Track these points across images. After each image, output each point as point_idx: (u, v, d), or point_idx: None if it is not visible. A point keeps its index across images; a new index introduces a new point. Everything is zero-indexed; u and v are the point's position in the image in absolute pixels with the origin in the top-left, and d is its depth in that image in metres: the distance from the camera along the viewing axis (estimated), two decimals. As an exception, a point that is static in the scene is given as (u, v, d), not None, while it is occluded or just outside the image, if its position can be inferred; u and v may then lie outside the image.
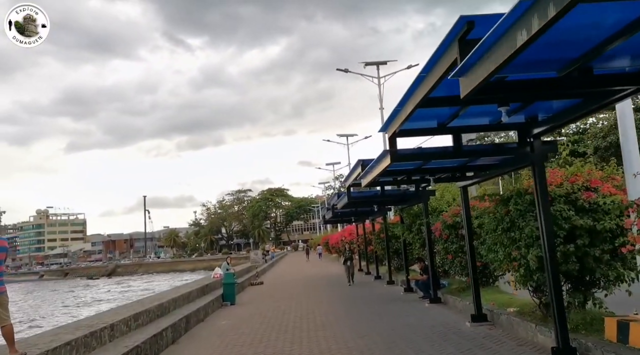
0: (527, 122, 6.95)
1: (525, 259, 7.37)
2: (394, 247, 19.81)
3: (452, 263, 12.23)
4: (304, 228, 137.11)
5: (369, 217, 22.05)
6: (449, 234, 11.96)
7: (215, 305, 16.19)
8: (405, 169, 8.92)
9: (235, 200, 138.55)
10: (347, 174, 12.31)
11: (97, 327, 8.36)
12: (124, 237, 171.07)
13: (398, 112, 6.12)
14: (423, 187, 12.94)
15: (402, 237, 15.91)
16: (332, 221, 35.46)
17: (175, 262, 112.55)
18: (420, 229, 14.42)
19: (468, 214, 9.82)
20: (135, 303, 12.60)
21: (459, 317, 10.64)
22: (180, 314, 12.00)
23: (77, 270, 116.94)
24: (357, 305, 14.14)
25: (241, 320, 13.12)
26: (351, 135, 47.92)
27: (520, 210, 7.48)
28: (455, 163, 8.68)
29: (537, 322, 7.87)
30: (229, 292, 17.49)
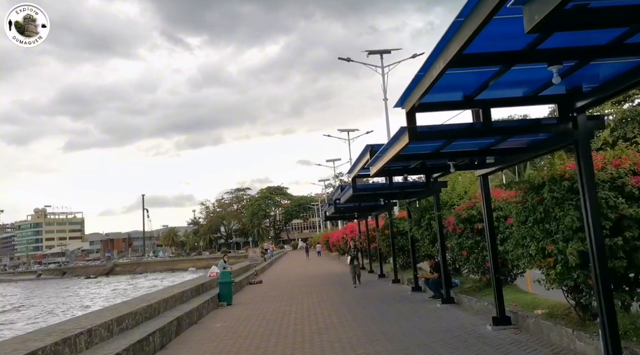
0: (570, 93, 6.04)
1: (563, 254, 6.38)
2: (399, 243, 18.81)
3: (466, 260, 11.24)
4: (304, 226, 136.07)
5: (372, 212, 21.05)
6: (464, 228, 10.96)
7: (211, 306, 15.19)
8: (421, 152, 7.90)
9: (234, 198, 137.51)
10: (353, 162, 11.30)
11: (71, 333, 7.36)
12: (122, 236, 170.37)
13: (420, 79, 5.08)
14: (435, 178, 11.94)
15: (410, 233, 14.91)
16: (334, 217, 34.29)
17: (173, 261, 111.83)
18: (430, 224, 13.42)
19: (489, 206, 8.83)
20: (121, 304, 11.60)
21: (477, 319, 9.64)
22: (171, 316, 11.00)
23: (75, 270, 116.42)
24: (363, 305, 13.15)
25: (238, 323, 12.13)
26: (352, 130, 46.77)
27: (557, 198, 6.48)
28: (477, 146, 7.68)
29: (574, 326, 6.88)
30: (225, 291, 16.50)
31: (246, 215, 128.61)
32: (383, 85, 24.91)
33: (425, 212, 13.79)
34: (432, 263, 12.99)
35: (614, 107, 29.72)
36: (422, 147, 7.52)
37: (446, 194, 13.96)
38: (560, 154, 13.92)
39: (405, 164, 9.42)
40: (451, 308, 11.25)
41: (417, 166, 9.36)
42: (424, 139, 6.07)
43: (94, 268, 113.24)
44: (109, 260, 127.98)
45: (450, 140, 6.68)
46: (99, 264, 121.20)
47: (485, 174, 8.85)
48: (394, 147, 6.61)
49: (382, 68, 24.94)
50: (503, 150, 7.66)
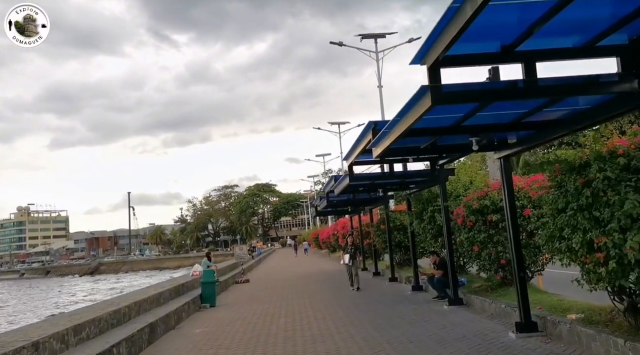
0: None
1: (618, 248, 5.14)
2: (395, 239, 17.57)
3: (477, 256, 10.00)
4: (293, 224, 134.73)
5: (367, 206, 19.76)
6: (475, 220, 9.73)
7: (192, 308, 13.82)
8: (437, 127, 6.62)
9: (221, 196, 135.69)
10: (351, 146, 9.97)
11: (11, 347, 5.98)
12: (107, 235, 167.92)
13: (451, 17, 3.82)
14: (440, 166, 10.69)
15: (410, 228, 13.65)
16: (326, 212, 32.69)
17: (160, 259, 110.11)
18: (434, 217, 12.19)
19: (510, 194, 7.58)
20: (85, 309, 10.20)
21: (495, 324, 8.40)
22: (143, 322, 9.62)
23: (59, 269, 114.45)
24: (360, 307, 11.87)
25: (220, 328, 10.79)
26: (343, 122, 45.36)
27: (610, 179, 5.24)
28: (507, 118, 6.43)
29: (625, 336, 5.66)
30: (208, 292, 15.12)
31: (234, 213, 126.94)
32: (377, 72, 23.59)
33: (427, 204, 12.54)
34: (436, 259, 11.75)
35: None
36: (438, 120, 6.26)
37: (450, 185, 12.73)
38: (598, 128, 12.68)
39: (414, 144, 8.12)
40: (460, 310, 10.01)
41: (428, 147, 8.07)
42: (451, 101, 4.76)
43: (79, 267, 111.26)
44: (93, 259, 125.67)
45: (486, 103, 5.37)
46: (84, 263, 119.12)
47: (507, 155, 7.61)
48: (409, 116, 5.31)
49: (377, 53, 23.63)
50: (536, 124, 6.41)
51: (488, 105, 5.52)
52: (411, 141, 7.84)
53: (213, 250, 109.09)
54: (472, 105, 5.55)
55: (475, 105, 5.54)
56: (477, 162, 34.03)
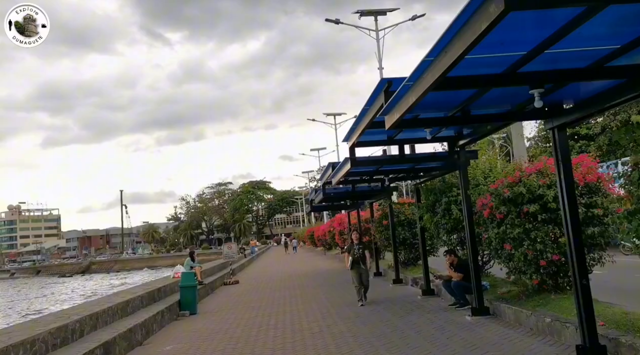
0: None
1: None
2: (400, 236, 15.73)
3: (509, 256, 8.14)
4: (287, 221, 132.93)
5: (367, 199, 17.87)
6: (507, 212, 7.88)
7: (168, 318, 11.94)
8: (486, 74, 4.75)
9: (215, 193, 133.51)
10: (354, 121, 8.04)
11: None
12: (100, 233, 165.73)
13: None
14: (461, 146, 8.83)
15: (420, 223, 11.80)
16: (321, 207, 30.42)
17: (152, 258, 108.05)
18: (450, 209, 10.35)
19: (569, 176, 5.73)
20: (27, 323, 8.28)
21: (541, 344, 6.55)
22: (96, 341, 7.73)
23: (50, 268, 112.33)
24: (364, 317, 10.00)
25: (196, 344, 8.91)
26: (339, 113, 43.31)
27: None
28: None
29: None
30: (188, 298, 13.24)
31: (228, 211, 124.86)
32: (378, 53, 21.57)
33: (441, 195, 10.69)
34: (454, 259, 9.91)
35: None
36: (487, 63, 4.40)
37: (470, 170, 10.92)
38: None
39: (437, 112, 6.22)
40: (489, 323, 8.16)
41: (457, 113, 6.20)
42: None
43: (70, 266, 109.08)
44: (85, 258, 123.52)
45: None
46: (75, 262, 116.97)
47: (562, 125, 5.75)
48: (457, 43, 3.43)
49: (377, 31, 21.62)
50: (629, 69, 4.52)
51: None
52: (435, 105, 5.98)
53: (207, 249, 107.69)
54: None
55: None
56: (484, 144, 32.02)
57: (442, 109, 6.28)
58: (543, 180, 7.70)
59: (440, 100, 5.72)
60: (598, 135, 35.02)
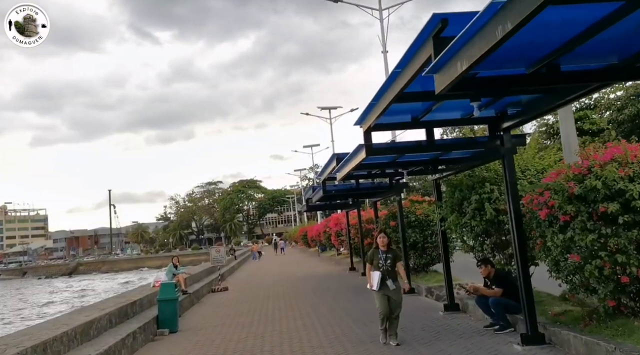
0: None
1: None
2: (410, 239, 13.89)
3: (577, 269, 6.27)
4: (278, 221, 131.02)
5: (373, 197, 15.94)
6: (575, 213, 6.05)
7: (143, 338, 10.02)
8: None
9: (205, 192, 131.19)
10: (377, 92, 6.07)
11: None
12: (88, 234, 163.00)
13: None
14: (506, 130, 6.99)
15: (441, 225, 9.93)
16: (319, 207, 27.57)
17: (141, 258, 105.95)
18: (481, 208, 8.51)
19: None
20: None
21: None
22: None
23: (37, 269, 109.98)
24: (380, 343, 8.09)
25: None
26: (334, 107, 41.24)
27: None
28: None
29: None
30: (167, 313, 11.30)
31: (218, 210, 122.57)
32: (381, 35, 19.54)
33: (470, 191, 8.84)
34: (490, 271, 8.07)
35: None
36: None
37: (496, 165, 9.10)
38: None
39: (526, 50, 4.32)
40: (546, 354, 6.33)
41: (541, 69, 4.39)
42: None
43: (57, 267, 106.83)
44: (73, 259, 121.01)
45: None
46: (62, 263, 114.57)
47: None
48: None
49: (380, 11, 19.62)
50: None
51: None
52: (510, 57, 4.15)
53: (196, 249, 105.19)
54: None
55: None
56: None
57: (519, 63, 4.45)
58: (623, 170, 5.87)
59: (521, 47, 3.89)
60: (602, 131, 33.47)
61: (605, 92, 36.08)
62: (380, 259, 7.66)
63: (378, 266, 7.65)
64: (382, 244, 7.67)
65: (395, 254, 7.78)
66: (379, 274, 7.55)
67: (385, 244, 7.67)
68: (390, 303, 7.58)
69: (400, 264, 7.80)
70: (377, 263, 7.68)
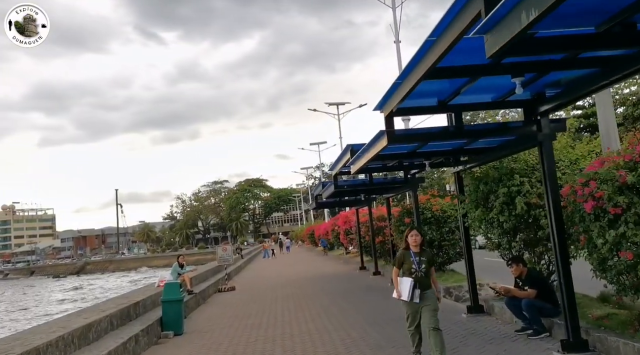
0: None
1: None
2: (426, 236, 13.17)
3: (630, 267, 5.57)
4: (284, 219, 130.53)
5: (386, 193, 15.24)
6: (627, 205, 5.36)
7: (146, 341, 9.43)
8: None
9: (211, 192, 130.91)
10: (410, 61, 5.37)
11: None
12: (95, 233, 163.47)
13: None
14: (543, 113, 6.31)
15: (464, 221, 9.26)
16: (329, 204, 25.51)
17: (148, 258, 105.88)
18: (510, 203, 7.83)
19: None
20: None
21: None
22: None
23: (45, 268, 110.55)
24: (400, 344, 7.43)
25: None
26: (342, 103, 40.55)
27: None
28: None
29: None
30: (171, 315, 10.72)
31: (224, 209, 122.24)
32: (394, 24, 18.85)
33: (497, 184, 8.16)
34: (522, 270, 7.39)
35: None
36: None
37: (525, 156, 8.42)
38: None
39: None
40: (594, 364, 5.67)
41: (614, 28, 3.73)
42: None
43: (64, 267, 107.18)
44: (80, 258, 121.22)
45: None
46: (70, 263, 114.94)
47: None
48: None
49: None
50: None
51: None
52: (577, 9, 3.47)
53: (203, 248, 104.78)
54: None
55: None
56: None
57: (588, 19, 3.78)
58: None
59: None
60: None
61: (619, 87, 35.19)
62: (413, 263, 6.14)
63: (410, 271, 6.13)
64: (415, 244, 6.22)
65: (430, 256, 6.43)
66: (410, 281, 6.06)
67: (418, 243, 6.25)
68: (423, 317, 6.07)
69: (433, 269, 6.49)
70: (409, 267, 6.15)
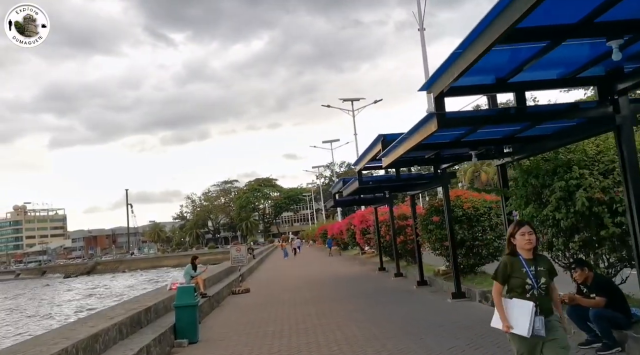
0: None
1: None
2: (457, 236, 12.26)
3: None
4: (294, 219, 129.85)
5: (413, 190, 14.27)
6: None
7: (158, 351, 8.60)
8: None
9: (221, 191, 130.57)
10: (480, 23, 4.44)
11: None
12: (106, 233, 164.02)
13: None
14: (621, 93, 5.38)
15: (509, 218, 8.33)
16: (346, 203, 23.15)
17: (158, 258, 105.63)
18: (568, 199, 6.88)
19: None
20: None
21: None
22: None
23: (56, 268, 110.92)
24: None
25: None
26: (356, 99, 39.56)
27: None
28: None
29: None
30: (185, 321, 9.86)
31: (234, 209, 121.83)
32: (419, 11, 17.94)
33: (551, 177, 7.21)
34: (588, 274, 6.45)
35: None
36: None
37: (571, 150, 7.46)
38: None
39: None
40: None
41: None
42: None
43: (75, 267, 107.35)
44: (91, 258, 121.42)
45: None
46: (80, 263, 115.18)
47: None
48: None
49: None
50: None
51: None
52: None
53: (213, 248, 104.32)
54: None
55: None
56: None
57: None
58: None
59: None
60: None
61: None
62: (528, 276, 4.00)
63: (524, 289, 4.00)
64: (529, 247, 4.05)
65: (550, 265, 4.19)
66: (531, 306, 3.91)
67: (532, 243, 4.05)
68: None
69: (555, 284, 4.20)
70: (522, 283, 4.01)
